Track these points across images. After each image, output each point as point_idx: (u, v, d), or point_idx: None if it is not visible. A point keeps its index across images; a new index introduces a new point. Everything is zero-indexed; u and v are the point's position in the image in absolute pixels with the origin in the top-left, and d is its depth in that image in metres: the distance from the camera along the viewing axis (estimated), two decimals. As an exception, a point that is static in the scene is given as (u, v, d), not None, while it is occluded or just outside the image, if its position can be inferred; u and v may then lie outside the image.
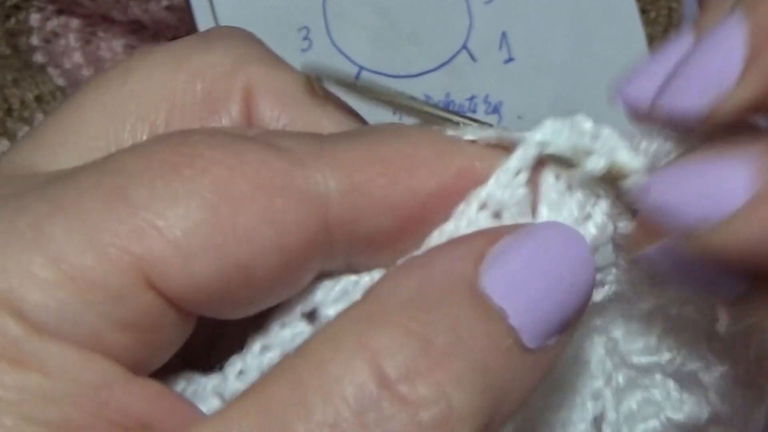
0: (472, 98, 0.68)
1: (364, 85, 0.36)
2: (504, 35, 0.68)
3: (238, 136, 0.32)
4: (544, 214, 0.33)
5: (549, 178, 0.34)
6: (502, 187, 0.33)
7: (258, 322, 0.33)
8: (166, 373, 0.33)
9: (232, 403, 0.29)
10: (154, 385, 0.31)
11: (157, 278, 0.30)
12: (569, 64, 0.68)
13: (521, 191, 0.33)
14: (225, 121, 0.36)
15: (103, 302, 0.30)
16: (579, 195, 0.34)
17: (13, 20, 0.74)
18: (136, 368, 0.31)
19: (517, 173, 0.33)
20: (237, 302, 0.32)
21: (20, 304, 0.29)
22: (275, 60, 0.37)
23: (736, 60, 0.32)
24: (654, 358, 0.37)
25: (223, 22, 0.67)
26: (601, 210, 0.34)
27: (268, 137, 0.32)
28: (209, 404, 0.32)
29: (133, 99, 0.35)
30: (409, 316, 0.30)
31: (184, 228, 0.30)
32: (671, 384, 0.37)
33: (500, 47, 0.68)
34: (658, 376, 0.37)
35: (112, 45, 0.77)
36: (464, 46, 0.69)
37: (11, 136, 0.69)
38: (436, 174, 0.32)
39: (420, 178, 0.32)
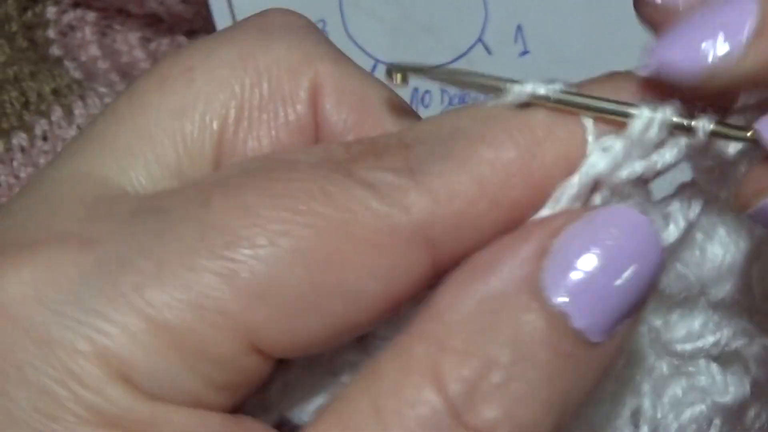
0: (488, 91, 0.68)
1: (441, 72, 0.35)
2: (519, 28, 0.68)
3: (336, 172, 0.31)
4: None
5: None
6: (614, 166, 0.32)
7: None
8: None
9: (311, 425, 0.30)
10: (253, 424, 0.31)
11: (261, 342, 0.30)
12: (584, 57, 0.68)
13: (638, 166, 0.33)
14: (292, 122, 0.35)
15: (208, 368, 0.30)
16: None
17: (29, 13, 0.74)
18: (228, 409, 0.31)
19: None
20: (337, 344, 0.32)
21: (126, 370, 0.29)
22: (340, 56, 0.37)
23: (744, 28, 0.31)
24: (698, 344, 0.37)
25: (240, 16, 0.67)
26: (677, 206, 0.34)
27: (357, 170, 0.31)
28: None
29: (201, 101, 0.34)
30: (471, 336, 0.30)
31: (289, 291, 0.30)
32: (714, 368, 0.37)
33: (515, 40, 0.68)
34: (702, 362, 0.37)
35: (128, 38, 0.77)
36: (480, 39, 0.69)
37: (28, 129, 0.69)
38: (530, 179, 0.31)
39: (517, 189, 0.31)
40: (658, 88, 0.32)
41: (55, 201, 0.32)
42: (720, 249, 0.35)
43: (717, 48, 0.31)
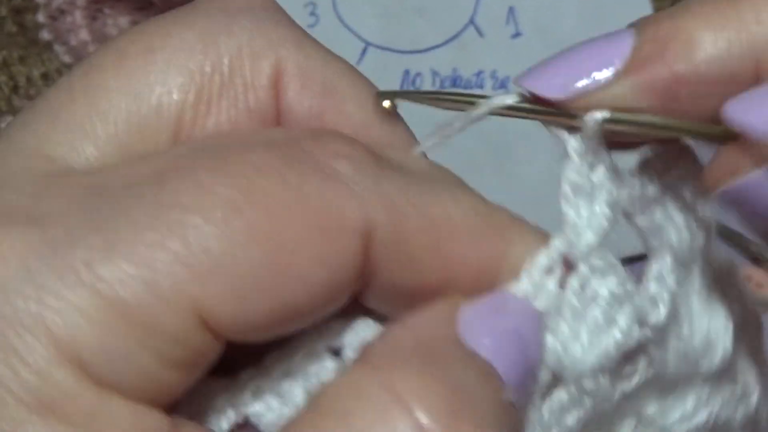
0: (479, 73, 0.68)
1: (427, 94, 0.36)
2: (511, 10, 0.68)
3: (292, 155, 0.31)
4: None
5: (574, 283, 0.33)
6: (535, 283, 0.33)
7: None
8: None
9: None
10: (195, 430, 0.31)
11: (212, 319, 0.30)
12: (576, 38, 0.67)
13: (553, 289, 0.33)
14: (252, 106, 0.34)
15: (161, 344, 0.29)
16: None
17: (19, -3, 0.74)
18: (178, 395, 0.31)
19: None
20: (276, 332, 0.32)
21: (80, 352, 0.29)
22: (304, 40, 0.36)
23: (614, 63, 0.33)
24: (692, 422, 0.37)
25: (229, -2, 0.67)
26: (625, 313, 0.34)
27: (325, 152, 0.31)
28: (227, 416, 0.33)
29: (159, 83, 0.34)
30: (423, 364, 0.30)
31: (241, 269, 0.30)
32: None
33: (507, 22, 0.68)
34: None
35: (118, 22, 0.77)
36: (471, 21, 0.68)
37: (17, 113, 0.69)
38: (478, 252, 0.32)
39: (460, 252, 0.32)
40: None
41: (3, 176, 0.32)
42: (703, 321, 0.35)
43: (587, 79, 0.33)
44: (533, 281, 0.33)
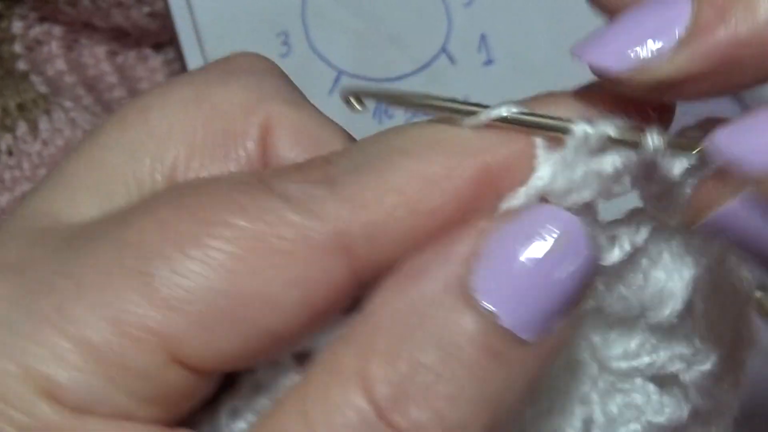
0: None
1: (395, 93, 0.35)
2: (483, 37, 0.69)
3: (252, 186, 0.32)
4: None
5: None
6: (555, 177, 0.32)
7: None
8: None
9: None
10: None
11: (182, 354, 0.30)
12: (549, 66, 0.68)
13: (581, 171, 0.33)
14: (242, 160, 0.35)
15: (132, 382, 0.30)
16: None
17: (-5, 28, 0.74)
18: (169, 425, 0.31)
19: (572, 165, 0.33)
20: (265, 357, 0.32)
21: (52, 387, 0.30)
22: (295, 96, 0.37)
23: (674, 31, 0.31)
24: (633, 363, 0.37)
25: (202, 29, 0.67)
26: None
27: (275, 183, 0.32)
28: None
29: (153, 139, 0.35)
30: (397, 339, 0.30)
31: (206, 302, 0.30)
32: (651, 387, 0.37)
33: (479, 49, 0.69)
34: (638, 380, 0.37)
35: (94, 51, 0.77)
36: (443, 49, 0.69)
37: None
38: (452, 187, 0.32)
39: (437, 197, 0.31)
40: (604, 103, 0.33)
41: (7, 236, 0.34)
42: (663, 274, 0.36)
43: (646, 48, 0.31)
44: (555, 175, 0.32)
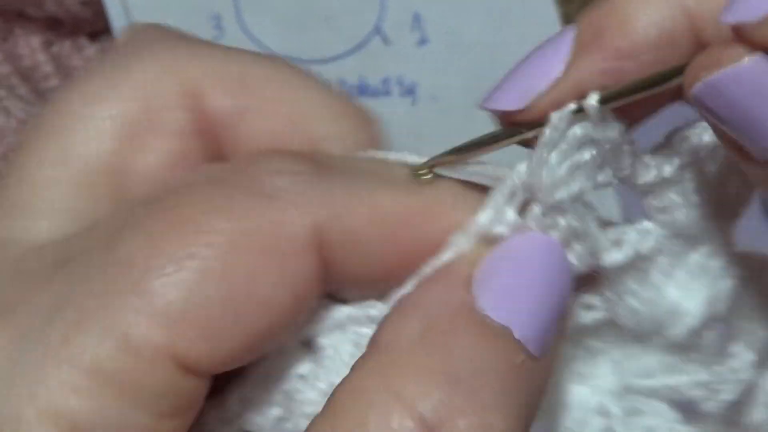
0: (386, 80, 0.68)
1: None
2: (417, 16, 0.69)
3: (233, 186, 0.32)
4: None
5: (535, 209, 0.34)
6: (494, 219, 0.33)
7: None
8: None
9: None
10: None
11: (189, 361, 0.31)
12: (483, 45, 0.68)
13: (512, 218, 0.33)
14: (175, 128, 0.35)
15: (148, 399, 0.30)
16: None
17: (-74, 20, 0.73)
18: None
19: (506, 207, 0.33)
20: (256, 355, 0.33)
21: (71, 422, 0.30)
22: (209, 49, 0.37)
23: (558, 66, 0.33)
24: (651, 382, 0.37)
25: (135, 15, 0.67)
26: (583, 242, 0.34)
27: (264, 174, 0.32)
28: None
29: (81, 142, 0.35)
30: (427, 355, 0.30)
31: (205, 310, 0.31)
32: (671, 414, 0.37)
33: (413, 29, 0.69)
34: (658, 404, 0.37)
35: (29, 41, 0.76)
36: (377, 28, 0.69)
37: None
38: (426, 229, 0.33)
39: (410, 233, 0.33)
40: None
41: None
42: (676, 292, 0.36)
43: (539, 81, 0.33)
44: (497, 208, 0.33)
